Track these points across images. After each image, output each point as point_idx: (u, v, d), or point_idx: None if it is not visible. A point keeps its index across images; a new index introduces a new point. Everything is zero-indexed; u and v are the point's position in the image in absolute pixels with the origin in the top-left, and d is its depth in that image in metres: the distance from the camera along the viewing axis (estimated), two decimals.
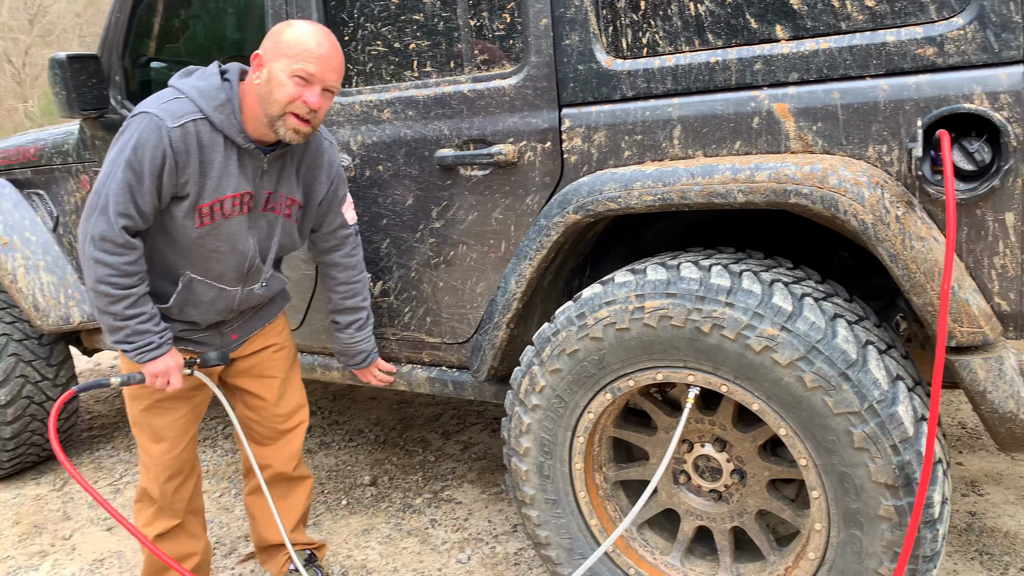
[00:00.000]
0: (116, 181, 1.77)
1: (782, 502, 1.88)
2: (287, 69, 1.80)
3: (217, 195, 1.85)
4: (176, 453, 2.10)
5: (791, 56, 1.71)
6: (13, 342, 3.18)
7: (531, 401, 1.99)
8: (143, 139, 1.77)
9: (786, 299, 1.66)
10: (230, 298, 2.01)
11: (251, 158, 1.89)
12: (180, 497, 2.17)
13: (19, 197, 3.19)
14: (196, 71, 1.91)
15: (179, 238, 1.89)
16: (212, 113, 1.82)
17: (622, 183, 1.82)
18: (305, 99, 1.81)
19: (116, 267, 1.80)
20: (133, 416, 2.08)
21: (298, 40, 1.80)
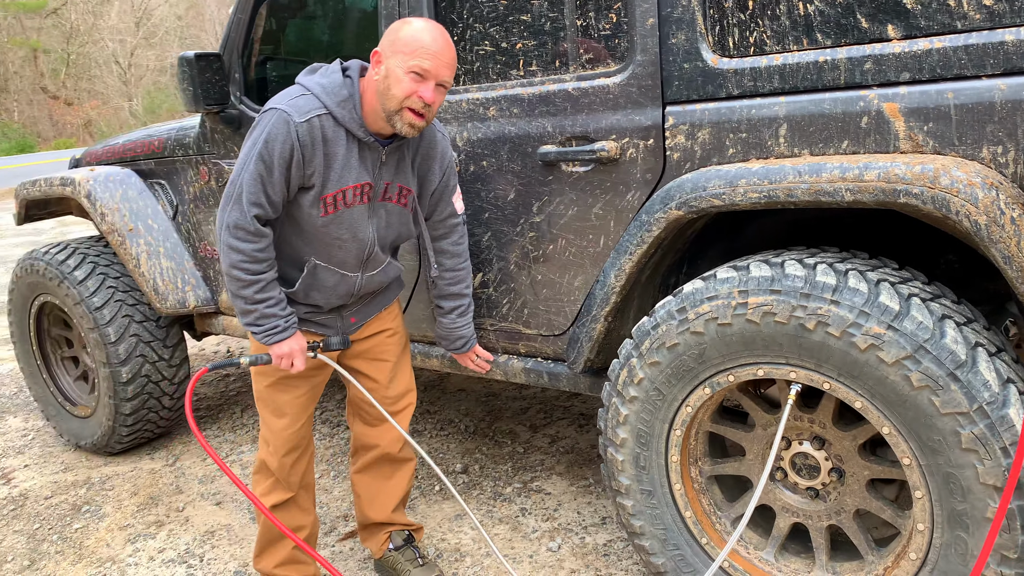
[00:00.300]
0: (249, 173, 1.91)
1: (882, 502, 1.87)
2: (403, 65, 1.90)
3: (340, 185, 1.97)
4: (296, 428, 2.24)
5: (903, 55, 1.70)
6: (135, 323, 3.39)
7: (629, 393, 2.04)
8: (273, 133, 1.89)
9: (893, 298, 1.66)
10: (351, 283, 2.14)
11: (370, 150, 2.01)
12: (296, 471, 2.30)
13: (143, 187, 3.41)
14: (320, 68, 2.03)
15: (305, 226, 2.02)
16: (335, 108, 1.94)
17: (727, 180, 1.85)
18: (420, 94, 1.91)
19: (248, 253, 1.94)
20: (258, 391, 2.23)
21: (414, 37, 1.90)
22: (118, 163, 3.62)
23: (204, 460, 3.57)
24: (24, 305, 3.71)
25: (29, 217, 3.80)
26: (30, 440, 3.98)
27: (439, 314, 2.40)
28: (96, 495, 3.34)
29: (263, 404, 2.24)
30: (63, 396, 3.81)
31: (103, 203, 3.32)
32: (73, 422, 3.73)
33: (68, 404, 3.77)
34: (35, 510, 3.26)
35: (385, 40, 1.95)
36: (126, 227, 3.31)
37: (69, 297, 3.37)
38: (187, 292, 3.36)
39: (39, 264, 3.46)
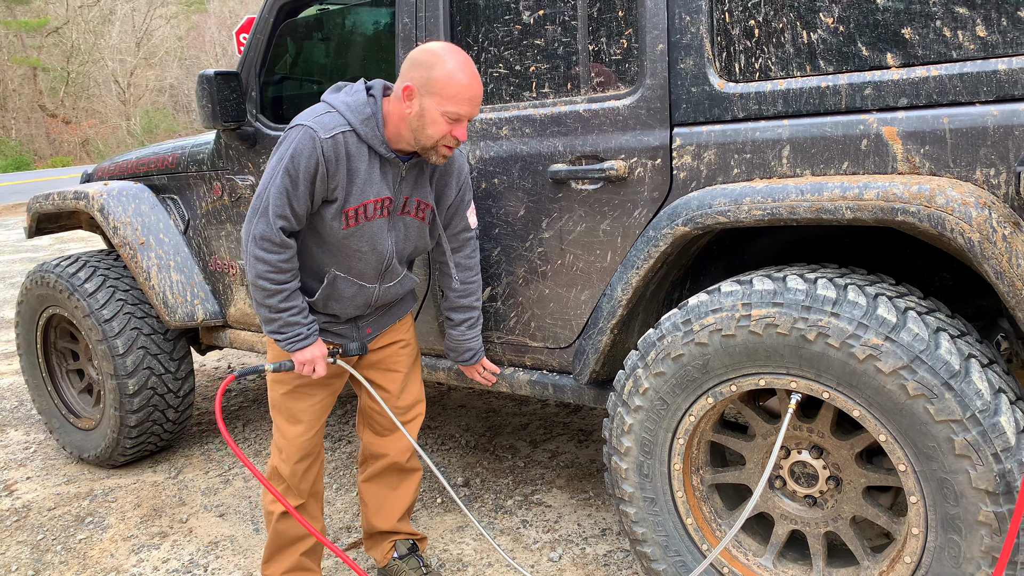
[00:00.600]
0: (275, 186, 1.99)
1: (878, 509, 1.94)
2: (440, 108, 1.97)
3: (362, 199, 2.05)
4: (310, 436, 2.29)
5: (901, 82, 1.80)
6: (143, 336, 3.45)
7: (634, 402, 2.11)
8: (299, 149, 1.97)
9: (890, 311, 1.74)
10: (369, 294, 2.21)
11: (391, 166, 2.09)
12: (307, 478, 2.35)
13: (155, 201, 3.48)
14: (344, 87, 2.12)
15: (327, 238, 2.10)
16: (359, 126, 2.02)
17: (732, 198, 1.93)
18: (455, 134, 2.01)
19: (273, 264, 2.02)
20: (273, 399, 2.28)
21: (451, 80, 1.96)
22: (131, 178, 3.69)
23: (207, 472, 3.61)
24: (32, 317, 3.76)
25: (40, 230, 3.86)
26: (32, 453, 4.01)
27: (449, 326, 2.47)
28: (99, 507, 3.37)
29: (278, 411, 2.30)
30: (67, 408, 3.84)
31: (116, 217, 3.38)
32: (76, 434, 3.77)
33: (72, 416, 3.81)
34: (38, 521, 3.29)
35: (417, 73, 1.99)
36: (138, 240, 3.37)
37: (79, 309, 3.42)
38: (196, 305, 3.42)
39: (50, 276, 3.52)
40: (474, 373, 2.57)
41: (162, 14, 37.48)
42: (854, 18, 1.85)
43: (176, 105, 39.23)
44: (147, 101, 36.63)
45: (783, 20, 1.94)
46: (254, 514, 3.19)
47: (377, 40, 2.87)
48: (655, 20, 2.10)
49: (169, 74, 38.06)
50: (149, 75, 36.56)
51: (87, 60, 34.32)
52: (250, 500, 3.31)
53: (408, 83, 2.00)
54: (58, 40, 34.07)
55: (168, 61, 38.23)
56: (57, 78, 34.19)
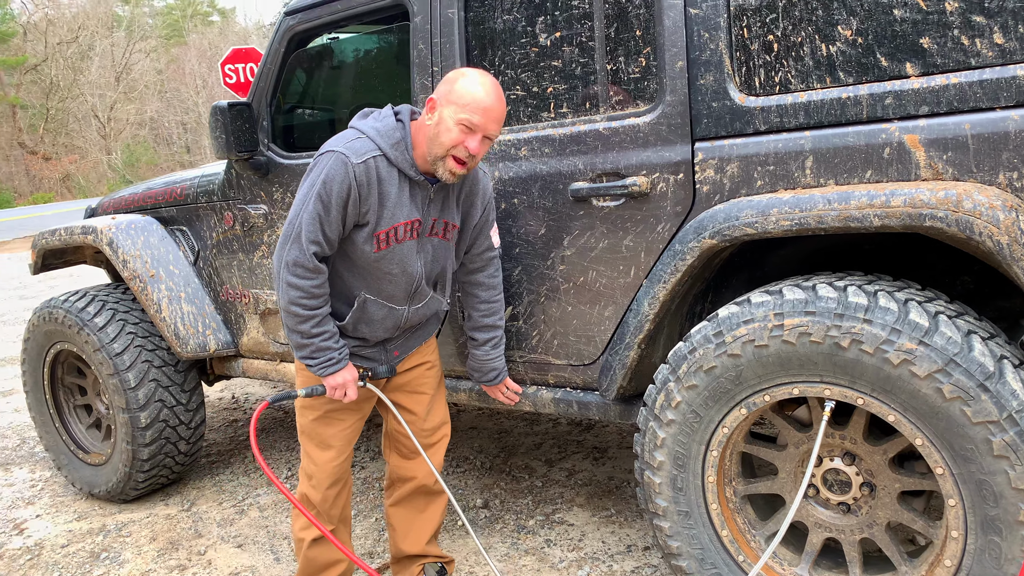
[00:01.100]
0: (308, 212, 2.00)
1: (913, 513, 1.95)
2: (455, 116, 2.01)
3: (392, 222, 2.07)
4: (340, 461, 2.29)
5: (921, 91, 1.84)
6: (154, 368, 3.42)
7: (666, 416, 2.12)
8: (331, 174, 1.99)
9: (922, 316, 1.77)
10: (398, 316, 2.22)
11: (420, 188, 2.11)
12: (337, 504, 2.34)
13: (164, 233, 3.47)
14: (372, 113, 2.14)
15: (358, 262, 2.11)
16: (389, 150, 2.04)
17: (759, 209, 1.96)
18: (466, 144, 2.03)
19: (306, 290, 2.02)
20: (303, 426, 2.28)
21: (468, 91, 2.01)
22: (138, 211, 3.69)
23: (220, 504, 3.58)
24: (39, 354, 3.73)
25: (45, 266, 3.84)
26: (39, 490, 3.95)
27: (472, 346, 2.48)
28: (113, 542, 3.33)
29: (308, 438, 2.29)
30: (75, 444, 3.80)
31: (125, 250, 3.37)
32: (86, 470, 3.72)
33: (81, 452, 3.77)
34: (52, 559, 3.24)
35: (441, 88, 2.08)
36: (148, 273, 3.36)
37: (89, 344, 3.40)
38: (208, 336, 3.41)
39: (58, 312, 3.49)
40: (497, 393, 2.58)
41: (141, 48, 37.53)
42: (872, 30, 1.90)
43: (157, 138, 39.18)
44: (128, 135, 36.57)
45: (801, 34, 1.99)
46: (272, 543, 3.16)
47: (389, 67, 2.90)
48: (674, 38, 2.14)
49: (149, 107, 38.05)
50: (129, 109, 36.53)
51: (66, 96, 34.25)
52: (267, 530, 3.28)
53: (433, 97, 2.07)
54: (37, 77, 34.01)
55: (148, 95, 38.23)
56: (36, 115, 34.08)
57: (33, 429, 4.88)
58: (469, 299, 2.42)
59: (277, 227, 3.06)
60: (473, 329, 2.45)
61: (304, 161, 2.93)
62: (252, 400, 5.13)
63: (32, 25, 35.20)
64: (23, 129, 33.66)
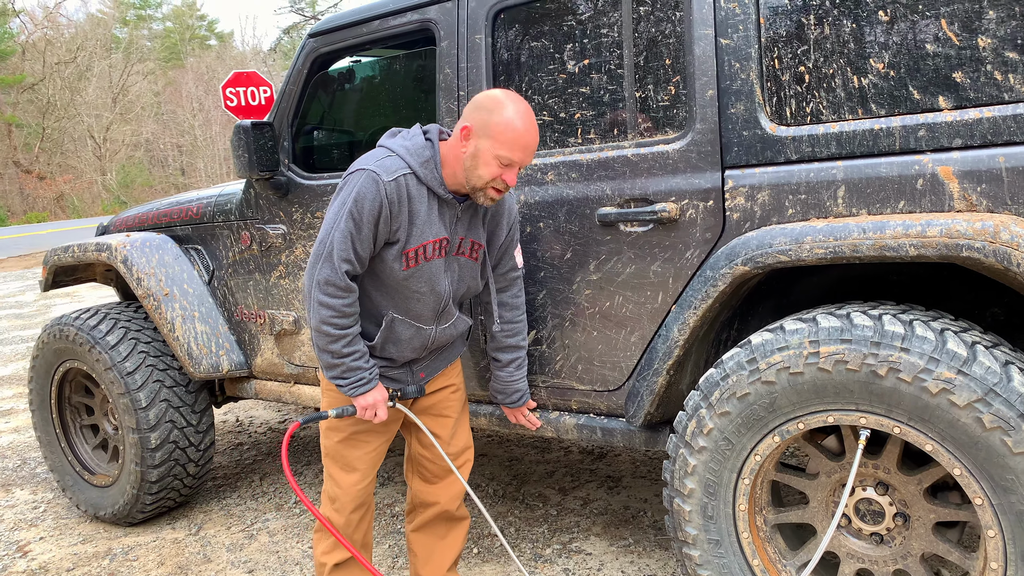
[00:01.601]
0: (340, 231, 2.00)
1: (948, 544, 1.94)
2: (494, 151, 2.02)
3: (421, 240, 2.07)
4: (364, 485, 2.26)
5: (955, 124, 1.86)
6: (165, 388, 3.39)
7: (697, 443, 2.11)
8: (363, 192, 1.99)
9: (960, 345, 1.77)
10: (426, 336, 2.21)
11: (448, 207, 2.12)
12: (360, 529, 2.32)
13: (179, 252, 3.46)
14: (400, 132, 2.15)
15: (387, 281, 2.10)
16: (418, 168, 2.05)
17: (792, 237, 1.97)
18: (505, 178, 2.06)
19: (337, 309, 2.01)
20: (327, 448, 2.26)
21: (509, 127, 2.01)
22: (152, 229, 3.68)
23: (228, 528, 3.53)
24: (48, 372, 3.69)
25: (56, 283, 3.82)
26: (42, 512, 3.90)
27: (496, 367, 2.47)
28: (120, 566, 3.28)
29: (332, 460, 2.27)
30: (81, 465, 3.76)
31: (139, 268, 3.36)
32: (91, 492, 3.67)
33: (86, 473, 3.72)
34: None
35: (475, 115, 2.06)
36: (161, 291, 3.35)
37: (100, 362, 3.37)
38: (221, 357, 3.38)
39: (69, 330, 3.47)
40: (519, 416, 2.56)
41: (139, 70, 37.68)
42: (904, 64, 1.92)
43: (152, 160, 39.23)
44: (123, 156, 36.60)
45: (833, 66, 2.01)
46: (284, 569, 3.12)
47: (411, 91, 2.91)
48: (704, 67, 2.16)
49: (145, 129, 38.13)
50: (125, 130, 36.60)
51: (63, 116, 34.30)
52: (278, 555, 3.23)
53: (467, 124, 2.05)
54: (33, 96, 34.06)
55: (144, 116, 38.33)
56: (32, 134, 34.09)
57: (34, 449, 4.82)
58: (492, 319, 2.41)
59: (296, 247, 3.06)
60: (497, 350, 2.44)
61: (324, 182, 2.93)
62: (256, 423, 5.08)
63: (31, 44, 35.32)
64: (18, 148, 33.64)
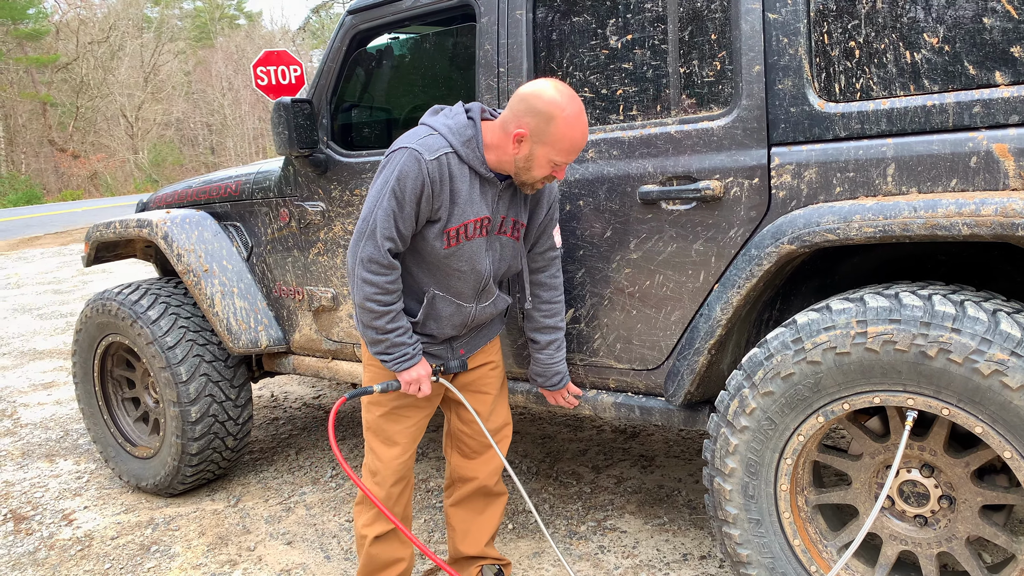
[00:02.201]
0: (382, 208, 2.00)
1: (995, 528, 1.92)
2: (550, 157, 2.05)
3: (463, 219, 2.07)
4: (405, 459, 2.29)
5: (1012, 100, 1.82)
6: (205, 363, 3.44)
7: (740, 423, 2.10)
8: (405, 170, 1.99)
9: (1013, 327, 1.74)
10: (466, 313, 2.22)
11: (490, 186, 2.12)
12: (400, 502, 2.34)
13: (218, 228, 3.49)
14: (443, 110, 2.15)
15: (428, 258, 2.11)
16: (460, 147, 2.05)
17: (841, 216, 1.94)
18: (555, 174, 2.10)
19: (380, 286, 2.03)
20: (369, 422, 2.28)
21: (566, 136, 2.02)
22: (191, 206, 3.72)
23: (267, 501, 3.59)
24: (91, 346, 3.76)
25: (98, 259, 3.88)
26: (85, 482, 3.98)
27: (535, 349, 2.47)
28: (163, 535, 3.34)
29: (373, 434, 2.29)
30: (123, 437, 3.83)
31: (180, 244, 3.40)
32: (133, 463, 3.75)
33: (128, 445, 3.79)
34: (103, 550, 3.26)
35: (533, 122, 2.03)
36: (201, 267, 3.39)
37: (141, 336, 3.42)
38: (259, 332, 3.42)
39: (112, 304, 3.52)
40: (558, 398, 2.56)
41: (170, 49, 37.95)
42: (959, 38, 1.88)
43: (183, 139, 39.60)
44: (154, 135, 36.97)
45: (884, 41, 1.97)
46: (322, 542, 3.16)
47: (452, 67, 2.90)
48: (751, 43, 2.12)
49: (176, 108, 38.47)
50: (156, 109, 36.94)
51: (96, 95, 34.68)
52: (316, 528, 3.28)
53: (522, 129, 2.03)
54: (67, 76, 34.47)
55: (175, 96, 38.65)
56: (66, 113, 34.53)
57: (76, 421, 4.92)
58: (532, 303, 2.41)
59: (334, 224, 3.07)
60: (534, 331, 2.44)
61: (363, 160, 2.94)
62: (291, 399, 5.15)
63: (64, 24, 35.70)
64: (53, 127, 34.11)
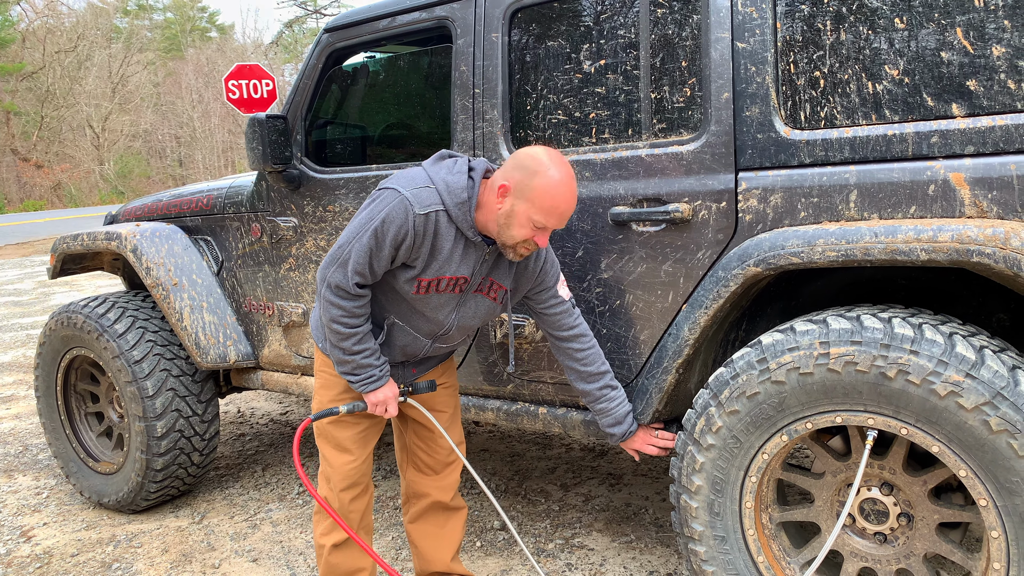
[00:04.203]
0: (360, 244, 2.01)
1: (951, 545, 1.98)
2: (530, 215, 2.00)
3: (438, 274, 2.09)
4: (357, 464, 2.30)
5: (967, 131, 1.89)
6: (172, 377, 3.41)
7: (706, 441, 2.14)
8: (391, 216, 2.00)
9: (968, 349, 1.81)
10: (420, 346, 2.26)
11: (476, 248, 2.13)
12: (355, 508, 2.35)
13: (188, 242, 3.48)
14: (448, 159, 2.14)
15: (396, 291, 2.15)
16: (452, 208, 2.05)
17: (805, 240, 2.00)
18: (537, 240, 2.05)
19: (347, 309, 2.05)
20: (319, 428, 2.31)
21: (547, 194, 1.98)
22: (161, 219, 3.69)
23: (232, 517, 3.55)
24: (54, 359, 3.71)
25: (64, 271, 3.83)
26: (45, 498, 3.91)
27: (591, 402, 2.36)
28: (125, 552, 3.30)
29: (324, 440, 2.31)
30: (86, 452, 3.78)
31: (149, 257, 3.38)
32: (96, 479, 3.69)
33: (91, 460, 3.74)
34: (62, 567, 3.21)
35: (518, 176, 2.03)
36: (171, 281, 3.37)
37: (107, 350, 3.39)
38: (228, 347, 3.40)
39: (77, 317, 3.48)
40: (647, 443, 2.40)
41: (139, 60, 37.58)
42: (919, 70, 1.95)
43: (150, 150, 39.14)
44: (121, 146, 36.51)
45: (848, 71, 2.04)
46: (288, 559, 3.14)
47: (427, 87, 2.93)
48: (720, 70, 2.18)
49: (144, 119, 38.06)
50: (124, 120, 36.51)
51: (61, 105, 34.21)
52: (282, 545, 3.26)
53: (506, 182, 2.03)
54: (32, 85, 33.96)
55: (143, 107, 38.25)
56: (30, 122, 33.99)
57: (36, 436, 4.83)
58: (565, 358, 2.35)
59: (306, 240, 3.08)
60: (582, 382, 2.34)
61: (337, 176, 2.95)
62: (258, 415, 5.10)
63: (31, 32, 35.23)
64: (16, 136, 33.54)
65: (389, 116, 3.07)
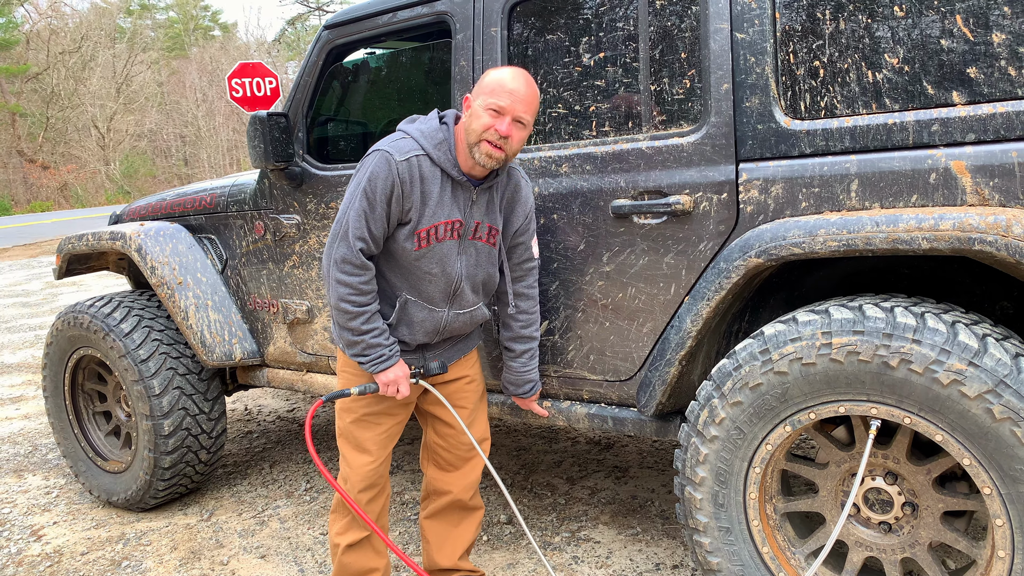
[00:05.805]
0: (354, 209, 2.06)
1: (956, 533, 1.98)
2: (484, 104, 2.11)
3: (433, 221, 2.12)
4: (376, 466, 2.30)
5: (968, 119, 1.88)
6: (178, 376, 3.43)
7: (710, 432, 2.14)
8: (376, 171, 2.06)
9: (971, 337, 1.80)
10: (438, 319, 2.25)
11: (463, 189, 2.17)
12: (371, 510, 2.35)
13: (192, 241, 3.49)
14: (419, 118, 2.21)
15: (400, 260, 2.16)
16: (432, 150, 2.11)
17: (806, 230, 2.00)
18: (496, 127, 2.09)
19: (354, 286, 2.07)
20: (340, 428, 2.30)
21: (495, 80, 2.13)
22: (165, 218, 3.71)
23: (240, 514, 3.57)
24: (61, 359, 3.73)
25: (70, 271, 3.85)
26: (55, 497, 3.94)
27: (509, 358, 2.50)
28: (134, 550, 3.32)
29: (345, 440, 2.31)
30: (94, 451, 3.79)
31: (153, 257, 3.39)
32: (104, 478, 3.71)
33: (99, 459, 3.76)
34: (72, 566, 3.23)
35: (475, 87, 2.20)
36: (175, 280, 3.38)
37: (114, 350, 3.40)
38: (234, 345, 3.42)
39: (83, 317, 3.50)
40: (531, 405, 2.59)
41: (143, 60, 37.65)
42: (919, 58, 1.94)
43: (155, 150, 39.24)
44: (126, 146, 36.61)
45: (848, 60, 2.03)
46: (296, 555, 3.16)
47: (427, 82, 2.93)
48: (720, 61, 2.18)
49: (149, 119, 38.14)
50: (129, 120, 36.59)
51: (67, 105, 34.29)
52: (290, 541, 3.27)
53: (467, 95, 2.19)
54: (37, 86, 34.06)
55: (148, 107, 38.34)
56: (36, 123, 34.10)
57: (45, 436, 4.86)
58: (506, 309, 2.44)
59: (309, 237, 3.09)
60: (511, 340, 2.47)
61: (339, 173, 2.96)
62: (265, 412, 5.12)
63: (35, 34, 35.31)
64: (22, 137, 33.65)
65: (390, 112, 3.07)
